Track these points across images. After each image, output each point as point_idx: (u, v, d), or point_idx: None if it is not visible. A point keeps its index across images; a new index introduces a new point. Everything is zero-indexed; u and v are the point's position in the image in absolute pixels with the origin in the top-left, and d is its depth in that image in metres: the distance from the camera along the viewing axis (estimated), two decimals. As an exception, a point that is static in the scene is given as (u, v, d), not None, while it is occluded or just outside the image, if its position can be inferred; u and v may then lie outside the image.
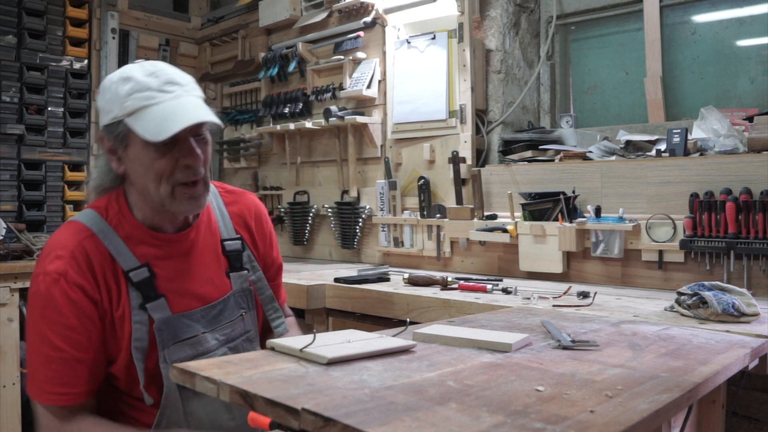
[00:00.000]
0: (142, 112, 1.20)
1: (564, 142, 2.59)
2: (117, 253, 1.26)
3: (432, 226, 2.79)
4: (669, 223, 2.13)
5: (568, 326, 1.32)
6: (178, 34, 4.04)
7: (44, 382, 1.17)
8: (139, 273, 1.26)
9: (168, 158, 1.22)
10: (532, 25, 2.97)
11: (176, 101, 1.21)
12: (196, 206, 1.29)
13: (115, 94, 1.22)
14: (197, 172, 1.25)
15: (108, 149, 1.28)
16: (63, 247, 1.23)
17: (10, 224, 3.05)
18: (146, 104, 1.20)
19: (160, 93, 1.21)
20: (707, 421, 1.39)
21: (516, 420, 0.70)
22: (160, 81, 1.22)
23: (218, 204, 1.45)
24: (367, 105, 3.13)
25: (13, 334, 2.79)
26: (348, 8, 3.17)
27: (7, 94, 3.23)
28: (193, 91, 1.27)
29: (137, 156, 1.23)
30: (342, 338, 1.05)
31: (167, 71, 1.25)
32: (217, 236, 1.41)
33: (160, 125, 1.18)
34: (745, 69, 2.46)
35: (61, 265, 1.20)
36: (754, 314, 1.47)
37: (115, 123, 1.23)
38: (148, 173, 1.23)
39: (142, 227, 1.31)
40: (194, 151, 1.23)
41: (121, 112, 1.21)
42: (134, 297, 1.25)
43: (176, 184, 1.24)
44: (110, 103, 1.23)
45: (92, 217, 1.29)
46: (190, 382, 0.86)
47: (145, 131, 1.18)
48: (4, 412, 2.76)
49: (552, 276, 2.38)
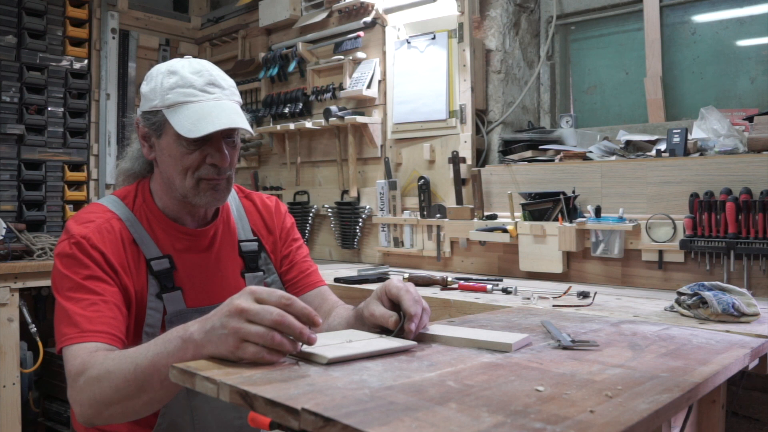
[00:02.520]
0: (182, 107, 1.25)
1: (564, 142, 2.59)
2: (140, 240, 1.30)
3: (432, 226, 2.79)
4: (669, 223, 2.13)
5: (568, 326, 1.32)
6: (178, 34, 4.05)
7: (84, 323, 1.14)
8: (161, 263, 1.30)
9: (197, 154, 1.27)
10: (532, 25, 2.97)
11: (215, 103, 1.26)
12: (216, 200, 1.32)
13: (159, 85, 1.27)
14: (221, 172, 1.30)
15: (142, 135, 1.33)
16: (90, 221, 1.27)
17: (10, 224, 3.05)
18: (186, 100, 1.25)
19: (202, 92, 1.26)
20: (707, 421, 1.39)
21: (516, 420, 0.70)
22: (203, 80, 1.27)
23: (237, 205, 1.49)
24: (367, 105, 3.13)
25: (13, 334, 2.79)
26: (348, 8, 3.17)
27: (7, 94, 3.23)
28: (233, 96, 1.32)
29: (168, 147, 1.28)
30: (342, 338, 1.05)
31: (212, 72, 1.30)
32: (234, 236, 1.44)
33: (196, 123, 1.23)
34: (745, 69, 2.46)
35: (86, 231, 1.24)
36: (754, 314, 1.47)
37: (153, 111, 1.28)
38: (176, 165, 1.28)
39: (165, 218, 1.35)
40: (223, 152, 1.29)
41: (161, 102, 1.26)
42: (152, 284, 1.29)
43: (200, 178, 1.29)
44: (153, 92, 1.28)
45: (117, 203, 1.34)
46: (190, 382, 0.86)
47: (180, 126, 1.23)
48: (4, 412, 2.76)
49: (552, 276, 2.38)
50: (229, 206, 1.47)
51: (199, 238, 1.38)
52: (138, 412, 1.07)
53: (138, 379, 1.01)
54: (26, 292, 2.93)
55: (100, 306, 1.17)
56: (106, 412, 1.06)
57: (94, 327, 1.14)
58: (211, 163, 1.28)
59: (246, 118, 1.31)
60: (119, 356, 1.07)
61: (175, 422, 1.27)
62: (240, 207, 1.49)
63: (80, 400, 1.08)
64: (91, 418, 1.08)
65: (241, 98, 1.36)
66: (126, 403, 1.04)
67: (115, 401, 1.04)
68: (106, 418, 1.08)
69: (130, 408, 1.05)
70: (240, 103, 1.34)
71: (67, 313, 1.16)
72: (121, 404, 1.04)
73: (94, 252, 1.22)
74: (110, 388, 1.03)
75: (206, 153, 1.28)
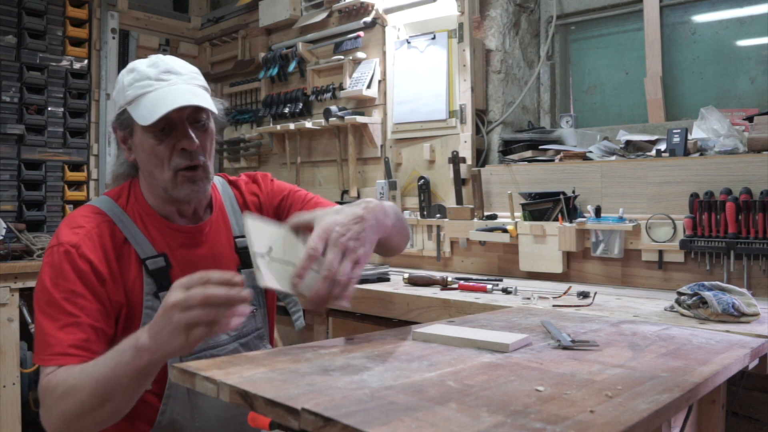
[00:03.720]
0: (140, 99, 1.26)
1: (564, 142, 2.59)
2: (134, 240, 1.30)
3: (432, 226, 2.79)
4: (669, 223, 2.13)
5: (568, 326, 1.32)
6: (178, 34, 4.05)
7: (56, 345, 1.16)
8: (156, 262, 1.30)
9: (166, 144, 1.26)
10: (532, 25, 2.97)
11: (170, 88, 1.26)
12: (195, 192, 1.31)
13: (121, 85, 1.30)
14: (194, 156, 1.28)
15: (120, 139, 1.35)
16: (80, 226, 1.27)
17: (10, 224, 3.05)
18: (143, 92, 1.25)
19: (157, 81, 1.26)
20: (707, 421, 1.39)
21: (516, 420, 0.70)
22: (158, 70, 1.28)
23: (230, 199, 1.48)
24: (367, 105, 3.13)
25: (13, 334, 2.79)
26: (348, 8, 3.17)
27: (7, 94, 3.23)
28: (192, 80, 1.30)
29: (141, 143, 1.29)
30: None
31: (167, 62, 1.30)
32: (230, 232, 1.43)
33: (152, 111, 1.22)
34: (745, 69, 2.46)
35: (76, 238, 1.24)
36: (754, 314, 1.47)
37: (121, 112, 1.30)
38: (151, 159, 1.28)
39: (158, 217, 1.35)
40: (188, 135, 1.27)
41: (124, 100, 1.28)
42: (148, 284, 1.29)
43: (177, 169, 1.28)
44: (118, 93, 1.31)
45: (109, 204, 1.34)
46: (190, 382, 0.86)
47: (139, 117, 1.24)
48: (4, 412, 2.76)
49: (552, 276, 2.38)
50: (222, 201, 1.45)
51: (193, 235, 1.37)
52: (107, 420, 1.10)
53: (100, 391, 1.05)
54: (26, 292, 2.92)
55: (73, 328, 1.18)
56: (77, 423, 1.10)
57: (63, 350, 1.16)
58: (181, 148, 1.26)
59: (211, 99, 1.30)
60: (80, 372, 1.10)
61: (175, 419, 1.27)
62: (234, 200, 1.48)
63: (50, 418, 1.12)
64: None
65: (206, 84, 1.34)
66: (92, 414, 1.08)
67: (83, 414, 1.08)
68: (79, 430, 1.11)
69: (98, 418, 1.09)
70: (204, 86, 1.32)
71: (42, 330, 1.18)
72: (89, 416, 1.08)
73: (82, 263, 1.21)
74: (76, 403, 1.08)
75: (174, 141, 1.26)
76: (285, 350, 1.03)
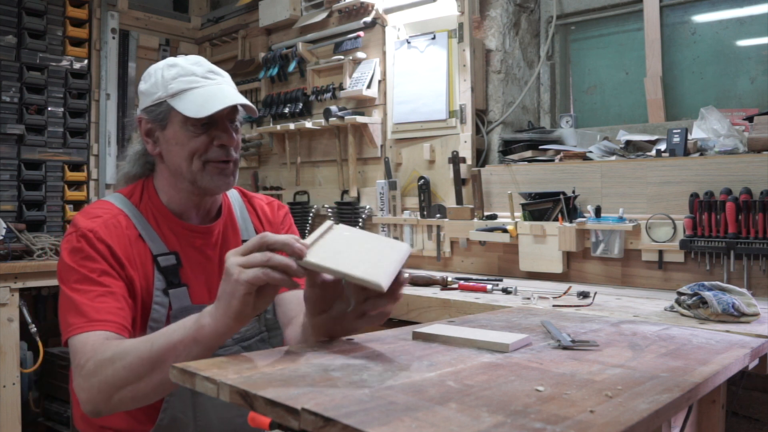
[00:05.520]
0: (186, 93, 1.29)
1: (564, 142, 2.59)
2: (147, 236, 1.31)
3: (432, 226, 2.79)
4: (669, 223, 2.13)
5: (568, 326, 1.32)
6: (178, 34, 4.05)
7: (92, 312, 1.15)
8: (167, 259, 1.31)
9: (204, 137, 1.30)
10: (532, 25, 2.97)
11: (218, 87, 1.32)
12: (224, 183, 1.34)
13: (161, 78, 1.31)
14: (229, 153, 1.33)
15: (145, 131, 1.35)
16: (97, 215, 1.28)
17: (10, 224, 3.05)
18: (190, 87, 1.30)
19: (204, 79, 1.31)
20: (707, 421, 1.39)
21: (516, 420, 0.70)
22: (204, 69, 1.33)
23: (240, 206, 1.50)
24: (367, 105, 3.13)
25: (13, 334, 2.79)
26: (348, 8, 3.17)
27: (7, 94, 3.23)
28: (231, 83, 1.38)
29: (174, 135, 1.31)
30: (360, 255, 0.99)
31: (208, 63, 1.37)
32: (238, 236, 1.45)
33: (203, 104, 1.27)
34: (745, 69, 2.46)
35: (93, 225, 1.25)
36: (754, 314, 1.47)
37: (156, 104, 1.31)
38: (183, 151, 1.30)
39: (170, 215, 1.36)
40: (230, 131, 1.32)
41: (165, 93, 1.30)
42: (159, 280, 1.30)
43: (208, 161, 1.31)
44: (154, 86, 1.32)
45: (123, 201, 1.35)
46: (190, 382, 0.86)
47: (187, 109, 1.27)
48: (4, 412, 2.76)
49: (552, 276, 2.38)
50: (232, 206, 1.48)
51: (204, 235, 1.39)
52: (147, 395, 1.06)
53: (153, 357, 1.02)
54: (26, 292, 2.93)
55: (107, 297, 1.18)
56: (116, 395, 1.06)
57: (102, 317, 1.15)
58: (220, 144, 1.30)
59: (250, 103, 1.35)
60: (134, 340, 1.08)
61: (177, 418, 1.27)
62: (243, 208, 1.50)
63: (88, 385, 1.07)
64: (98, 405, 1.08)
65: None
66: (138, 384, 1.04)
67: (128, 382, 1.04)
68: (115, 404, 1.07)
69: (140, 390, 1.05)
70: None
71: (74, 303, 1.16)
72: (133, 386, 1.04)
73: (101, 245, 1.23)
74: (123, 368, 1.04)
75: (213, 135, 1.30)
76: (285, 350, 1.03)
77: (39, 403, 3.20)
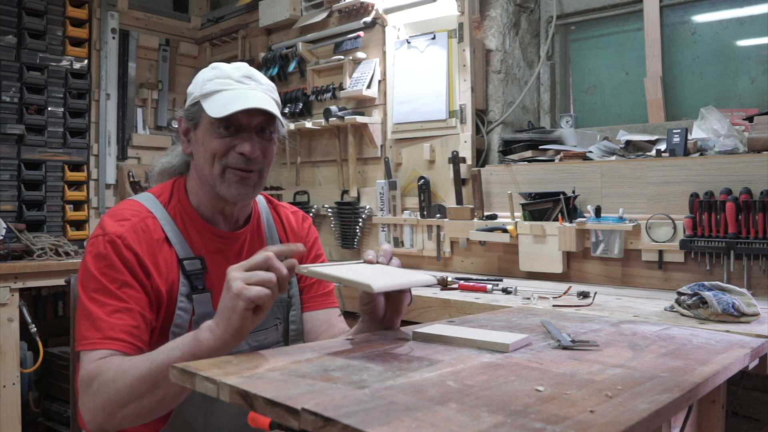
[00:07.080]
0: (217, 94, 1.29)
1: (564, 142, 2.59)
2: (174, 239, 1.30)
3: (432, 226, 2.79)
4: (669, 223, 2.13)
5: (568, 326, 1.32)
6: (178, 34, 4.04)
7: (107, 329, 1.16)
8: (193, 263, 1.30)
9: (225, 141, 1.29)
10: (532, 25, 2.97)
11: (248, 91, 1.30)
12: (243, 193, 1.31)
13: (200, 79, 1.33)
14: (250, 163, 1.30)
15: (183, 131, 1.37)
16: (125, 219, 1.27)
17: (10, 224, 3.05)
18: (222, 88, 1.29)
19: (238, 83, 1.31)
20: (707, 421, 1.39)
21: (516, 420, 0.70)
22: (241, 74, 1.32)
23: (267, 215, 1.49)
24: (367, 105, 3.13)
25: (13, 334, 2.80)
26: (348, 8, 3.17)
27: (7, 94, 3.23)
28: (269, 92, 1.35)
29: (203, 136, 1.31)
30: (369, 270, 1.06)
31: (251, 69, 1.36)
32: (264, 245, 1.43)
33: (225, 106, 1.26)
34: (745, 69, 2.46)
35: (121, 230, 1.24)
36: (754, 314, 1.47)
37: (192, 104, 1.33)
38: (206, 152, 1.30)
39: (199, 219, 1.35)
40: (252, 141, 1.30)
41: (199, 93, 1.31)
42: (183, 284, 1.29)
43: (227, 166, 1.29)
44: (194, 86, 1.34)
45: (153, 202, 1.34)
46: (190, 382, 0.86)
47: (210, 109, 1.27)
48: (4, 412, 2.76)
49: (552, 276, 2.38)
50: (260, 215, 1.47)
51: (231, 241, 1.38)
52: (152, 411, 1.08)
53: (153, 374, 1.03)
54: (26, 292, 2.93)
55: (124, 314, 1.18)
56: (119, 413, 1.07)
57: (114, 334, 1.15)
58: (239, 152, 1.28)
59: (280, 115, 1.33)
60: (133, 358, 1.09)
61: (187, 422, 1.27)
62: (270, 217, 1.49)
63: (93, 404, 1.09)
64: (103, 423, 1.10)
65: (279, 101, 1.39)
66: (140, 401, 1.05)
67: (130, 400, 1.05)
68: (119, 422, 1.09)
69: (144, 407, 1.06)
70: (277, 101, 1.36)
71: (90, 315, 1.17)
72: (135, 403, 1.06)
73: (128, 253, 1.22)
74: (125, 387, 1.05)
75: (235, 142, 1.29)
76: (285, 350, 1.03)
77: (39, 403, 3.20)
